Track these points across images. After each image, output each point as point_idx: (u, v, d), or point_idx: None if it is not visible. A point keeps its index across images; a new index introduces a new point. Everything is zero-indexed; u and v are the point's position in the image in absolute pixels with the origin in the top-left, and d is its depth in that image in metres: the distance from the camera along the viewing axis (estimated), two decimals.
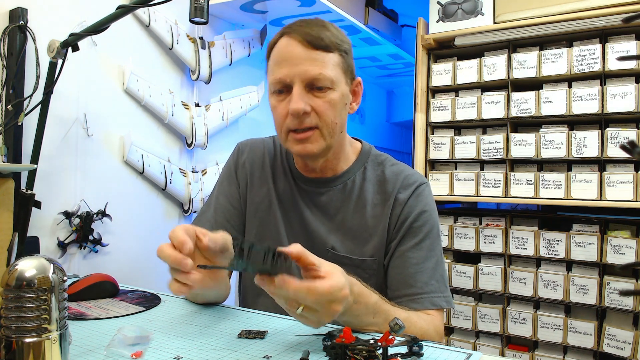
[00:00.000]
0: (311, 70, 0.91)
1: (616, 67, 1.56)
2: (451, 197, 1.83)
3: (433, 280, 0.97)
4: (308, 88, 0.93)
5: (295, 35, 0.92)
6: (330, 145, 0.97)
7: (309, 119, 0.93)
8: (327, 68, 0.92)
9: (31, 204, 1.20)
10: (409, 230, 0.99)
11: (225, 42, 2.02)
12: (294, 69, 0.91)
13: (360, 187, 1.04)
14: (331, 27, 0.96)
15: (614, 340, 1.53)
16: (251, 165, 1.12)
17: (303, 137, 0.94)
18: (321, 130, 0.94)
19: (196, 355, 0.72)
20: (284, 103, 0.94)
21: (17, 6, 1.32)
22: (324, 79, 0.92)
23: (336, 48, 0.94)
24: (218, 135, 2.02)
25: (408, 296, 0.95)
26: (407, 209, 1.00)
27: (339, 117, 0.96)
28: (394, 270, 0.99)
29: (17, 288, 0.59)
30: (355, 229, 1.02)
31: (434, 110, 1.89)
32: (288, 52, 0.92)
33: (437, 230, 1.02)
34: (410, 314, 0.91)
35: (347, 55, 0.98)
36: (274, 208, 1.07)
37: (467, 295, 1.82)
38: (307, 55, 0.91)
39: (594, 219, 1.62)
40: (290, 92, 0.93)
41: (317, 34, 0.92)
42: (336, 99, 0.94)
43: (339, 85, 0.95)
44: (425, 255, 0.98)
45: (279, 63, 0.93)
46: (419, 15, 1.95)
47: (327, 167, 1.04)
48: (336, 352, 0.68)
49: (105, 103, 1.59)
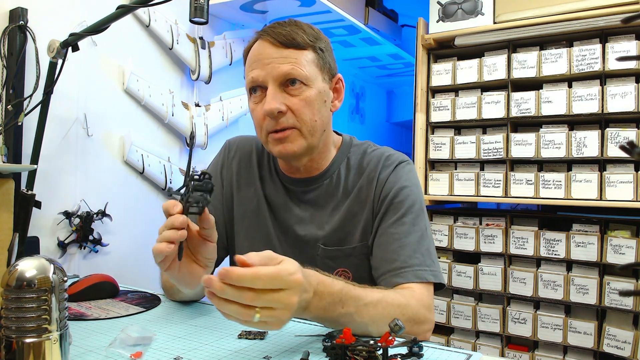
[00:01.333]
0: (282, 67, 0.91)
1: (616, 67, 1.56)
2: (451, 197, 1.83)
3: (417, 253, 0.93)
4: (282, 87, 0.93)
5: (267, 36, 0.94)
6: (313, 145, 0.97)
7: (285, 118, 0.92)
8: (300, 65, 0.92)
9: (31, 204, 1.20)
10: (390, 206, 0.98)
11: (225, 42, 2.02)
12: (266, 68, 0.92)
13: (345, 177, 1.04)
14: (304, 26, 0.96)
15: (614, 340, 1.53)
16: (238, 166, 1.11)
17: (281, 137, 0.93)
18: (300, 130, 0.94)
19: (196, 356, 0.72)
20: (260, 105, 0.94)
21: (17, 6, 1.32)
22: (297, 75, 0.91)
23: (310, 45, 0.94)
24: (218, 135, 2.02)
25: (391, 272, 0.92)
26: (388, 185, 0.99)
27: (318, 115, 0.95)
28: (377, 249, 0.97)
29: (18, 288, 0.59)
30: (344, 218, 1.01)
31: (434, 110, 1.89)
32: (260, 53, 0.93)
33: (420, 205, 0.99)
34: (386, 294, 0.84)
35: (324, 52, 0.97)
36: (262, 209, 1.06)
37: (467, 295, 1.82)
38: (278, 54, 0.92)
39: (594, 219, 1.62)
40: (265, 92, 0.93)
41: (288, 33, 0.93)
42: (312, 96, 0.93)
43: (315, 82, 0.95)
44: (407, 229, 0.95)
45: (251, 64, 0.95)
46: (419, 15, 1.95)
47: (312, 167, 1.03)
48: (336, 352, 0.68)
49: (105, 103, 1.59)
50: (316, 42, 0.96)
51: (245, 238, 1.08)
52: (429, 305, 0.90)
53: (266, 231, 1.06)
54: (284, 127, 0.93)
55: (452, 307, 1.83)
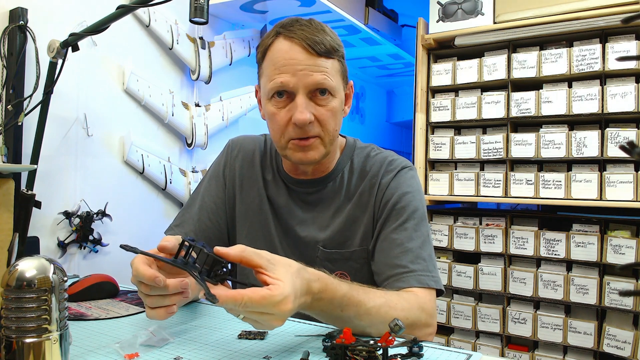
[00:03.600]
0: (317, 78, 0.90)
1: (616, 67, 1.56)
2: (451, 197, 1.83)
3: (419, 259, 0.93)
4: (310, 96, 0.91)
5: (297, 39, 0.90)
6: (329, 152, 0.98)
7: (311, 127, 0.92)
8: (330, 75, 0.91)
9: (31, 204, 1.20)
10: (391, 212, 0.97)
11: (225, 42, 2.02)
12: (298, 76, 0.89)
13: (348, 180, 1.04)
14: (329, 31, 0.95)
15: (614, 340, 1.53)
16: (241, 165, 1.11)
17: (306, 145, 0.93)
18: (323, 139, 0.94)
19: (196, 355, 0.72)
20: (284, 111, 0.92)
21: (17, 6, 1.32)
22: (328, 86, 0.91)
23: (335, 53, 0.93)
24: (218, 135, 2.02)
25: (394, 276, 0.92)
26: (389, 191, 0.99)
27: (338, 124, 0.97)
28: (379, 254, 0.97)
29: (18, 288, 0.59)
30: (345, 221, 1.01)
31: (434, 110, 1.89)
32: (291, 57, 0.90)
33: (422, 211, 1.00)
34: (388, 298, 0.83)
35: (343, 60, 0.98)
36: (264, 208, 1.06)
37: (467, 295, 1.82)
38: (311, 62, 0.90)
39: (594, 219, 1.62)
40: (290, 98, 0.91)
41: (320, 41, 0.90)
42: (337, 106, 0.94)
43: (339, 92, 0.95)
44: (409, 235, 0.95)
45: (279, 67, 0.90)
46: (419, 15, 1.95)
47: (318, 169, 1.04)
48: (336, 352, 0.68)
49: (105, 103, 1.59)
50: (340, 49, 0.95)
51: (247, 238, 1.08)
52: (431, 310, 0.90)
53: (268, 231, 1.06)
54: (309, 135, 0.93)
55: (452, 307, 1.83)
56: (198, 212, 1.09)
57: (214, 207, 1.09)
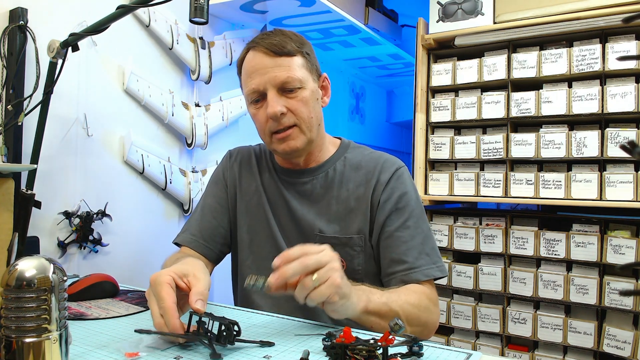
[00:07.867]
0: (280, 75, 1.01)
1: (616, 67, 1.56)
2: (451, 197, 1.83)
3: (423, 254, 1.05)
4: (281, 91, 1.03)
5: (260, 47, 1.03)
6: (311, 139, 1.07)
7: (286, 118, 1.03)
8: (294, 70, 1.03)
9: (31, 204, 1.20)
10: (394, 211, 1.07)
11: (225, 42, 2.02)
12: (264, 77, 1.02)
13: (342, 172, 1.12)
14: (290, 34, 1.07)
15: (614, 340, 1.53)
16: (240, 167, 1.21)
17: (285, 135, 1.04)
18: (300, 127, 1.04)
19: (196, 355, 0.72)
20: (262, 110, 1.04)
21: (17, 6, 1.32)
22: (292, 81, 1.02)
23: (298, 51, 1.05)
24: (218, 135, 2.02)
25: (401, 272, 1.03)
26: (389, 190, 1.08)
27: (313, 112, 1.06)
28: (385, 251, 1.06)
29: (17, 288, 0.59)
30: (341, 210, 1.09)
31: (434, 110, 1.89)
32: (256, 63, 1.03)
33: (420, 208, 1.10)
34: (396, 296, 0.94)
35: (310, 55, 1.08)
36: (262, 202, 1.15)
37: (467, 295, 1.82)
38: (273, 63, 1.02)
39: (594, 219, 1.62)
40: (265, 99, 1.03)
41: (279, 43, 1.02)
42: (307, 96, 1.04)
43: (307, 83, 1.05)
44: (412, 233, 1.06)
45: (250, 75, 1.04)
46: (419, 15, 1.95)
47: (310, 160, 1.13)
48: (336, 352, 0.68)
49: (105, 103, 1.59)
50: (302, 47, 1.06)
51: (247, 232, 1.15)
52: (436, 299, 1.05)
53: (267, 224, 1.13)
54: (286, 126, 1.03)
55: (452, 307, 1.83)
56: (202, 212, 1.18)
57: (218, 207, 1.18)
